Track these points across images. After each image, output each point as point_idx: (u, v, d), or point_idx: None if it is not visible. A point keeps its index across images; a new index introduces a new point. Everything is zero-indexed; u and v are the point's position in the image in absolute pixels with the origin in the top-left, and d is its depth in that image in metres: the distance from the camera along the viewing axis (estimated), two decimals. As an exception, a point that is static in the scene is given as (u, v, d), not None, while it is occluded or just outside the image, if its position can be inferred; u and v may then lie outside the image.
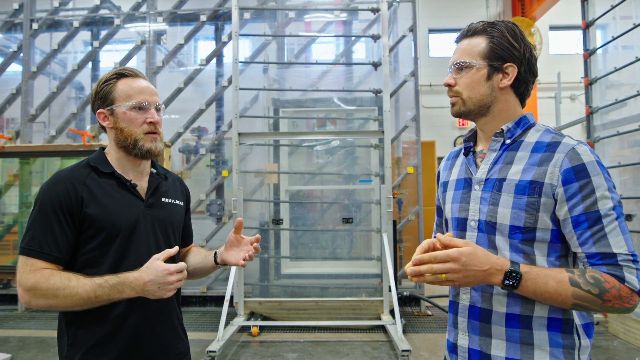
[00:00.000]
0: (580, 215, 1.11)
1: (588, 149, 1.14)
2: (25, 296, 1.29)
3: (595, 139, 4.84)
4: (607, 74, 4.76)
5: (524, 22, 7.80)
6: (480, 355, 1.22)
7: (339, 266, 5.59)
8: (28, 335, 4.76)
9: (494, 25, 1.25)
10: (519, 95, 1.28)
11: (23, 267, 1.31)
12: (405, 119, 5.99)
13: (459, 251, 1.07)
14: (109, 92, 1.44)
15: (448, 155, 1.48)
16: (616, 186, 4.59)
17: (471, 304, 1.24)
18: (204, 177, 6.30)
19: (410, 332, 4.77)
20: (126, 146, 1.44)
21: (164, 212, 1.53)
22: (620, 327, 4.47)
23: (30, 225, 1.34)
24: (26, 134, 6.22)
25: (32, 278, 1.28)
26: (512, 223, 1.17)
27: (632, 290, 1.07)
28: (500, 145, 1.26)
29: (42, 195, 1.36)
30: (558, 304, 1.11)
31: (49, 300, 1.28)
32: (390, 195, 4.86)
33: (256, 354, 4.20)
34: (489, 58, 1.23)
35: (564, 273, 1.10)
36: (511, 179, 1.19)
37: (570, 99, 9.16)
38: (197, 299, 5.90)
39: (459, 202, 1.31)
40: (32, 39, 6.39)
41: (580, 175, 1.11)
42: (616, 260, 1.08)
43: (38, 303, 1.29)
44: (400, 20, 6.22)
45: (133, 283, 1.28)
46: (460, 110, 1.28)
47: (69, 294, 1.27)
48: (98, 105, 1.47)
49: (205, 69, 6.15)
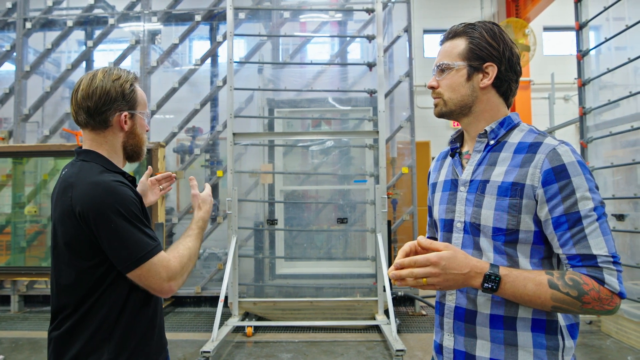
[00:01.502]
0: (560, 217, 1.10)
1: (570, 149, 1.14)
2: (174, 284, 1.35)
3: (588, 140, 4.87)
4: (600, 75, 4.79)
5: (518, 23, 7.83)
6: (465, 356, 1.22)
7: (333, 266, 5.59)
8: (21, 336, 4.73)
9: (474, 26, 1.26)
10: (502, 94, 1.28)
11: (158, 265, 1.31)
12: (400, 119, 6.00)
13: (439, 255, 1.07)
14: (135, 96, 1.44)
15: (438, 156, 1.49)
16: (609, 186, 4.66)
17: (456, 305, 1.24)
18: (199, 177, 6.28)
19: (405, 332, 4.78)
20: (135, 151, 1.49)
21: None
22: (612, 327, 4.50)
23: (131, 234, 1.28)
24: (19, 133, 6.18)
25: (173, 263, 1.35)
26: (495, 225, 1.17)
27: (612, 292, 1.06)
28: (485, 146, 1.26)
29: (116, 204, 1.28)
30: (538, 307, 1.11)
31: (189, 268, 1.42)
32: (385, 196, 4.87)
33: (250, 354, 4.20)
34: (468, 58, 1.24)
35: (543, 275, 1.10)
36: (494, 180, 1.19)
37: (564, 100, 9.20)
38: (192, 299, 5.88)
39: (446, 203, 1.31)
40: (26, 38, 6.35)
41: (561, 176, 1.11)
42: (596, 262, 1.08)
43: (184, 278, 1.40)
44: (395, 21, 6.23)
45: (205, 216, 1.58)
46: (442, 110, 1.29)
47: (191, 254, 1.44)
48: (121, 106, 1.40)
49: (200, 69, 6.14)
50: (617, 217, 4.48)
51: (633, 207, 4.44)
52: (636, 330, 4.20)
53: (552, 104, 7.26)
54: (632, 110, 4.50)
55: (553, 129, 6.40)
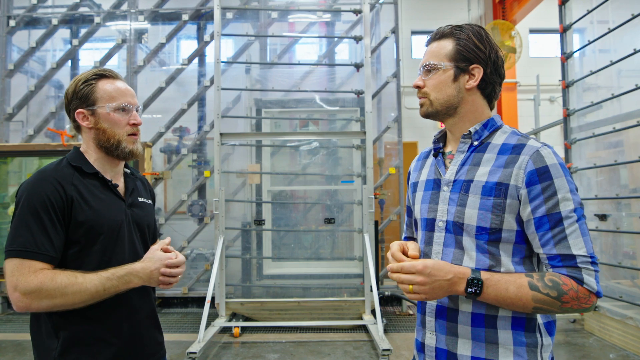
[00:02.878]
0: (542, 217, 1.13)
1: (552, 151, 1.17)
2: (25, 300, 1.25)
3: (572, 141, 4.94)
4: (583, 77, 4.86)
5: (505, 25, 7.90)
6: (447, 354, 1.24)
7: (321, 266, 5.60)
8: (4, 338, 4.66)
9: (461, 28, 1.27)
10: (486, 96, 1.30)
11: (19, 269, 1.26)
12: (387, 120, 6.03)
13: (424, 262, 1.13)
14: (90, 93, 1.43)
15: (418, 156, 1.51)
16: (592, 187, 4.73)
17: (438, 304, 1.26)
18: (186, 177, 6.25)
19: (392, 331, 4.81)
20: (108, 147, 1.45)
21: (142, 211, 1.57)
22: (595, 325, 4.57)
23: (18, 226, 1.30)
24: (3, 133, 6.09)
25: (34, 280, 1.25)
26: (478, 224, 1.19)
27: (589, 291, 1.11)
28: (468, 146, 1.28)
29: (27, 194, 1.32)
30: (520, 309, 1.14)
31: (55, 300, 1.26)
32: (372, 196, 4.89)
33: (237, 355, 4.19)
34: (455, 60, 1.26)
35: (524, 278, 1.13)
36: (478, 180, 1.21)
37: (550, 101, 9.31)
38: (179, 300, 5.85)
39: (428, 202, 1.32)
40: (9, 36, 6.27)
41: (543, 177, 1.14)
42: (575, 262, 1.11)
43: (40, 305, 1.26)
44: (383, 22, 6.26)
45: (140, 273, 1.35)
46: (428, 110, 1.31)
47: (77, 291, 1.27)
48: (77, 105, 1.44)
49: (187, 69, 6.11)
50: (599, 217, 4.55)
51: (615, 207, 4.51)
52: (618, 329, 4.27)
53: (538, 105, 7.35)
54: (615, 111, 4.57)
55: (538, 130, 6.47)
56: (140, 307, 1.49)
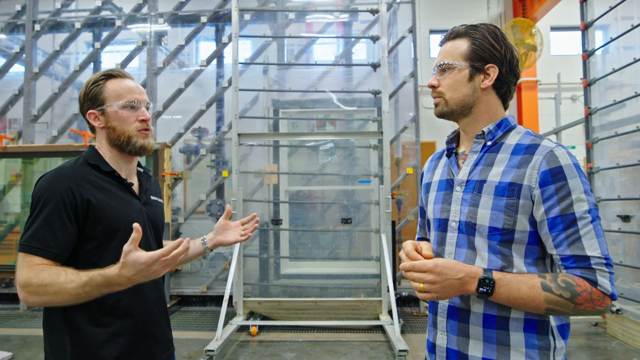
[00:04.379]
0: (556, 218, 1.12)
1: (566, 151, 1.16)
2: (22, 293, 1.27)
3: (594, 140, 4.84)
4: (605, 75, 4.76)
5: (525, 22, 7.78)
6: (457, 355, 1.23)
7: (338, 266, 5.61)
8: (29, 334, 4.80)
9: (476, 27, 1.27)
10: (501, 96, 1.29)
11: (21, 263, 1.30)
12: (405, 119, 6.01)
13: (435, 261, 1.13)
14: (99, 93, 1.47)
15: (432, 157, 1.50)
16: (615, 187, 4.62)
17: (450, 304, 1.26)
18: (205, 177, 6.33)
19: (409, 332, 4.78)
20: (120, 144, 1.47)
21: (154, 210, 1.59)
22: (618, 328, 4.47)
23: (30, 222, 1.33)
24: (28, 134, 6.27)
25: (25, 274, 1.26)
26: (491, 224, 1.18)
27: (603, 293, 1.09)
28: (482, 147, 1.27)
29: (42, 191, 1.35)
30: (532, 310, 1.13)
31: (42, 297, 1.25)
32: (389, 196, 4.88)
33: (255, 354, 4.23)
34: (471, 59, 1.25)
35: (536, 278, 1.12)
36: (491, 180, 1.20)
37: (572, 100, 9.13)
38: (197, 298, 5.93)
39: (440, 203, 1.32)
40: (35, 40, 6.45)
41: (557, 178, 1.12)
42: (589, 263, 1.09)
43: (34, 300, 1.27)
44: (400, 21, 6.24)
45: (117, 280, 1.23)
46: (443, 110, 1.30)
47: (57, 291, 1.24)
48: (88, 106, 1.48)
49: (206, 70, 6.19)
50: (622, 218, 4.44)
51: (639, 208, 4.40)
52: (642, 332, 4.17)
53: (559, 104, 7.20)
54: (639, 110, 4.46)
55: (559, 130, 6.35)
56: (154, 303, 1.51)
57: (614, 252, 4.59)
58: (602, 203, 4.73)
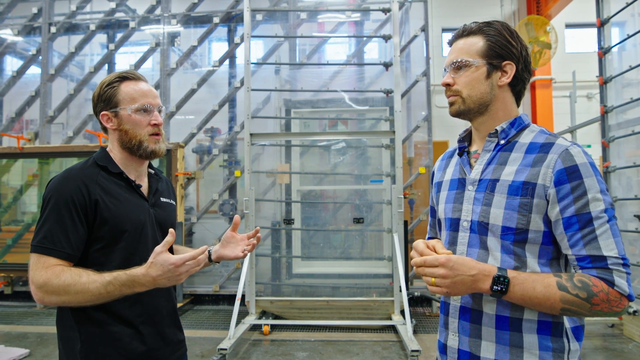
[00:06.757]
0: (571, 217, 1.10)
1: (581, 150, 1.13)
2: (38, 293, 1.29)
3: (610, 139, 4.77)
4: (621, 72, 4.68)
5: (539, 20, 7.68)
6: (469, 356, 1.21)
7: (350, 266, 5.60)
8: (46, 331, 4.87)
9: (490, 24, 1.25)
10: (516, 93, 1.28)
11: (35, 264, 1.31)
12: (417, 118, 5.97)
13: (447, 256, 1.10)
14: (113, 95, 1.47)
15: (443, 156, 1.48)
16: (632, 186, 4.55)
17: (462, 305, 1.24)
18: (217, 177, 6.37)
19: (421, 332, 4.76)
20: (131, 147, 1.48)
21: (164, 212, 1.59)
22: (635, 330, 4.40)
23: (42, 223, 1.35)
24: (45, 134, 6.37)
25: (43, 275, 1.28)
26: (504, 224, 1.16)
27: (621, 294, 1.06)
28: (495, 145, 1.25)
29: (52, 192, 1.37)
30: (547, 309, 1.10)
31: (61, 297, 1.28)
32: (401, 196, 4.86)
33: (267, 353, 4.24)
34: (488, 56, 1.23)
35: (552, 278, 1.09)
36: (504, 179, 1.18)
37: (587, 98, 9.00)
38: (210, 297, 5.97)
39: (452, 202, 1.30)
40: (51, 42, 6.55)
41: (573, 177, 1.10)
42: (606, 263, 1.07)
43: (51, 300, 1.29)
44: (412, 20, 6.21)
45: (142, 280, 1.27)
46: (460, 109, 1.27)
47: (80, 290, 1.27)
48: (101, 107, 1.49)
49: (218, 70, 6.23)
50: (639, 218, 4.37)
51: (657, 207, 4.33)
52: (660, 334, 4.10)
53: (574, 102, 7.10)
54: (657, 108, 4.39)
55: (574, 128, 6.27)
56: (163, 305, 1.51)
57: (630, 253, 4.51)
58: (619, 203, 4.66)
